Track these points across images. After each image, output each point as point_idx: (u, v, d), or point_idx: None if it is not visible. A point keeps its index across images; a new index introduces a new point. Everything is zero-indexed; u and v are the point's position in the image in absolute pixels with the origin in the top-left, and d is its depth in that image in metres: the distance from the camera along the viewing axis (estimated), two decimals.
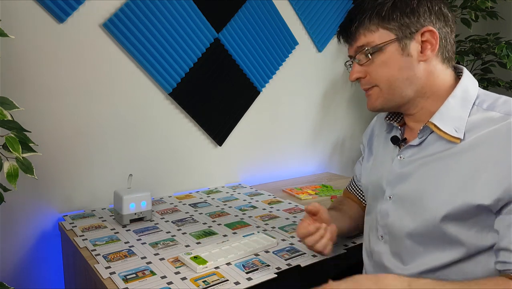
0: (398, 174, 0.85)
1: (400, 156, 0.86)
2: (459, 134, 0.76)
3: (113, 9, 1.38)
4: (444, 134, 0.78)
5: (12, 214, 1.28)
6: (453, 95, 0.80)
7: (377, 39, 0.80)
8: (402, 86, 0.81)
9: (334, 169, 2.18)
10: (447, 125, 0.78)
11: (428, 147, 0.82)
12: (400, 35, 0.79)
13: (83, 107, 1.38)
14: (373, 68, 0.83)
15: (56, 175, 1.35)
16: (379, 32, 0.80)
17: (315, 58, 1.99)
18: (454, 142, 0.77)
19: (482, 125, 0.75)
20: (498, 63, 1.92)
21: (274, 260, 1.00)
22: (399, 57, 0.80)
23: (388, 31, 0.80)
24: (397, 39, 0.79)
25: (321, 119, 2.08)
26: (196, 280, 0.90)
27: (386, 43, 0.80)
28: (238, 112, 1.75)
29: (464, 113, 0.78)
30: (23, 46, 1.24)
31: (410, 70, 0.81)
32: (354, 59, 0.85)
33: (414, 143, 0.83)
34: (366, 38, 0.81)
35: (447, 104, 0.80)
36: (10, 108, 0.93)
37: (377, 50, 0.81)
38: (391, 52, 0.80)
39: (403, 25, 0.79)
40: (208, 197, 1.57)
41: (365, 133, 1.07)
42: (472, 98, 0.80)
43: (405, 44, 0.80)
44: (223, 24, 1.64)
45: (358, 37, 0.82)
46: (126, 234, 1.17)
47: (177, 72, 1.54)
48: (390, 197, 0.86)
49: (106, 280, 0.91)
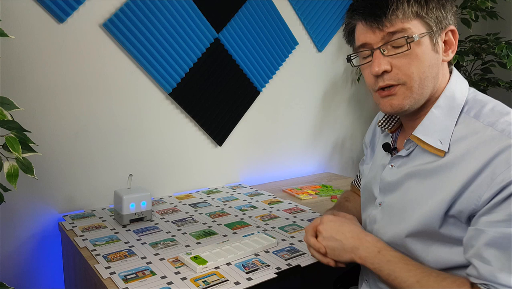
0: (387, 182, 0.84)
1: (392, 164, 0.84)
2: (443, 146, 0.73)
3: (113, 9, 1.38)
4: (428, 147, 0.75)
5: (12, 214, 1.28)
6: (437, 105, 0.76)
7: (413, 28, 0.72)
8: (429, 86, 0.75)
9: (334, 169, 2.18)
10: (431, 137, 0.75)
11: (415, 157, 0.79)
12: (434, 28, 0.73)
13: (83, 107, 1.38)
14: (404, 61, 0.73)
15: (56, 175, 1.35)
16: (415, 21, 0.72)
17: (315, 58, 1.99)
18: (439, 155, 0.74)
19: (466, 136, 0.72)
20: (498, 63, 1.92)
21: (274, 260, 1.00)
22: (430, 53, 0.73)
23: (423, 22, 0.72)
24: (431, 32, 0.73)
25: (321, 119, 2.08)
26: (196, 280, 0.90)
27: (423, 34, 0.72)
28: (238, 112, 1.75)
29: (450, 123, 0.74)
30: (23, 46, 1.24)
31: (436, 68, 0.75)
32: (379, 49, 0.74)
33: (402, 154, 0.81)
34: (402, 24, 0.71)
35: (430, 115, 0.76)
36: (10, 108, 0.93)
37: (413, 41, 0.71)
38: (425, 46, 0.73)
39: (437, 18, 0.73)
40: (208, 197, 1.56)
41: (368, 132, 1.05)
42: (459, 105, 0.75)
43: (436, 40, 0.73)
44: (223, 24, 1.64)
45: (394, 22, 0.71)
46: (126, 234, 1.17)
47: (177, 72, 1.54)
48: (380, 204, 0.86)
49: (106, 280, 0.91)
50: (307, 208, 1.43)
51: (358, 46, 0.79)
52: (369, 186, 0.92)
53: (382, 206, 0.85)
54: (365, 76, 0.80)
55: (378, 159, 0.91)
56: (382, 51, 0.73)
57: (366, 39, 0.76)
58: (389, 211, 0.83)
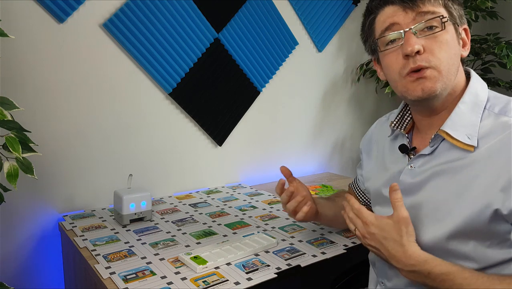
0: (409, 184, 0.80)
1: (411, 165, 0.81)
2: (472, 141, 0.72)
3: (113, 9, 1.38)
4: (457, 142, 0.74)
5: (12, 214, 1.28)
6: (463, 101, 0.76)
7: (443, 14, 0.73)
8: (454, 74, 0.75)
9: (334, 169, 2.18)
10: (459, 132, 0.74)
11: (440, 155, 0.77)
12: (458, 20, 0.75)
13: (83, 107, 1.38)
14: (434, 45, 0.73)
15: (56, 175, 1.35)
16: (442, 9, 0.74)
17: (315, 58, 1.99)
18: (468, 151, 0.73)
19: (496, 131, 0.71)
20: (498, 63, 1.92)
21: (274, 260, 1.00)
22: (455, 42, 0.75)
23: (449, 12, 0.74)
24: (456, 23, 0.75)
25: (321, 119, 2.08)
26: (196, 280, 0.90)
27: (452, 21, 0.74)
28: (238, 112, 1.75)
29: (476, 119, 0.74)
30: (23, 46, 1.24)
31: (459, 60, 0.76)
32: (410, 29, 0.74)
33: (426, 152, 0.79)
34: (433, 8, 0.73)
35: (457, 110, 0.76)
36: (10, 108, 0.93)
37: (447, 21, 0.73)
38: (452, 34, 0.75)
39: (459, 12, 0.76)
40: (208, 197, 1.56)
41: (363, 139, 1.04)
42: (483, 102, 0.76)
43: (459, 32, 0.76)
44: (223, 24, 1.64)
45: (425, 3, 0.73)
46: (126, 234, 1.17)
47: (177, 72, 1.54)
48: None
49: (106, 280, 0.91)
50: None
51: (384, 29, 0.77)
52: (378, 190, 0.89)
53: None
54: (390, 63, 0.78)
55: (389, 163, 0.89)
56: (414, 32, 0.73)
57: (395, 19, 0.75)
58: (416, 213, 0.78)
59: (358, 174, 1.10)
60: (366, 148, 1.01)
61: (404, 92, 0.78)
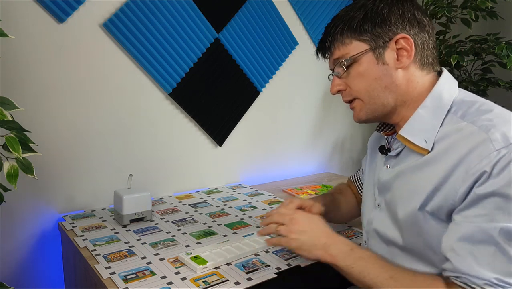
0: (383, 182, 0.86)
1: (387, 165, 0.87)
2: (428, 145, 0.76)
3: (113, 9, 1.38)
4: (413, 146, 0.78)
5: (12, 214, 1.28)
6: (424, 105, 0.79)
7: (352, 50, 0.81)
8: (381, 96, 0.81)
9: (334, 169, 2.18)
10: (416, 136, 0.78)
11: (404, 158, 0.82)
12: (374, 45, 0.79)
13: (83, 107, 1.38)
14: (351, 80, 0.83)
15: (56, 175, 1.35)
16: (353, 44, 0.81)
17: (315, 58, 1.98)
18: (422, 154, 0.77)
19: (450, 134, 0.74)
20: (498, 63, 1.92)
21: (274, 260, 1.00)
22: (375, 67, 0.80)
23: (361, 42, 0.80)
24: (371, 49, 0.79)
25: (321, 119, 2.08)
26: (196, 280, 0.90)
27: (360, 54, 0.80)
28: (238, 112, 1.75)
29: (437, 122, 0.76)
30: (23, 46, 1.24)
31: (388, 78, 0.80)
32: (333, 73, 0.87)
33: (392, 154, 0.85)
34: (340, 52, 0.83)
35: (416, 115, 0.79)
36: (10, 108, 0.93)
37: (352, 62, 0.81)
38: (366, 63, 0.80)
39: (375, 35, 0.79)
40: (208, 197, 1.56)
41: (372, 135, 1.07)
42: (446, 106, 0.77)
43: (379, 54, 0.79)
44: (223, 24, 1.64)
45: (333, 51, 0.84)
46: (126, 234, 1.17)
47: (177, 72, 1.54)
48: (379, 205, 0.88)
49: (106, 280, 0.91)
50: None
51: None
52: (370, 188, 0.94)
53: (380, 206, 0.87)
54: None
55: (377, 161, 0.94)
56: (336, 74, 0.85)
57: (328, 65, 0.90)
58: (386, 211, 0.85)
59: (362, 166, 1.13)
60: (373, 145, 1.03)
61: None
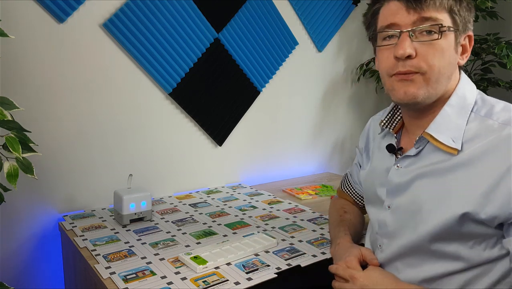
0: (396, 184, 0.82)
1: (397, 165, 0.82)
2: (456, 145, 0.73)
3: (113, 9, 1.38)
4: (441, 145, 0.74)
5: (12, 214, 1.28)
6: (449, 103, 0.76)
7: (445, 21, 0.72)
8: (443, 83, 0.75)
9: (334, 169, 2.18)
10: (443, 135, 0.74)
11: (425, 157, 0.78)
12: (460, 28, 0.73)
13: (83, 107, 1.38)
14: (429, 51, 0.72)
15: (56, 175, 1.35)
16: (445, 15, 0.72)
17: (315, 58, 1.99)
18: (451, 154, 0.73)
19: (480, 134, 0.71)
20: (498, 63, 1.92)
21: (274, 260, 1.00)
22: (452, 51, 0.74)
23: (452, 18, 0.72)
24: (457, 31, 0.73)
25: (321, 119, 2.08)
26: (196, 280, 0.90)
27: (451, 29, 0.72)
28: (238, 112, 1.75)
29: (462, 122, 0.74)
30: (23, 46, 1.24)
31: (452, 68, 0.75)
32: (408, 32, 0.72)
33: (411, 153, 0.80)
34: (436, 13, 0.71)
35: (443, 113, 0.76)
36: (10, 108, 0.93)
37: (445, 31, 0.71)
38: (450, 41, 0.73)
39: (465, 19, 0.74)
40: (208, 197, 1.56)
41: (361, 137, 1.04)
42: (470, 105, 0.76)
43: (459, 40, 0.74)
44: (223, 24, 1.64)
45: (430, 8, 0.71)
46: (126, 234, 1.17)
47: (177, 72, 1.54)
48: (389, 206, 0.84)
49: (106, 280, 0.91)
50: (307, 208, 1.43)
51: (384, 25, 0.76)
52: (373, 190, 0.90)
53: (391, 208, 0.83)
54: (382, 59, 0.78)
55: (380, 161, 0.90)
56: (411, 35, 0.72)
57: (396, 19, 0.74)
58: (401, 213, 0.80)
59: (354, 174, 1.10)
60: (366, 147, 1.01)
61: (389, 91, 0.78)
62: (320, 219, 1.31)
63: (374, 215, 0.90)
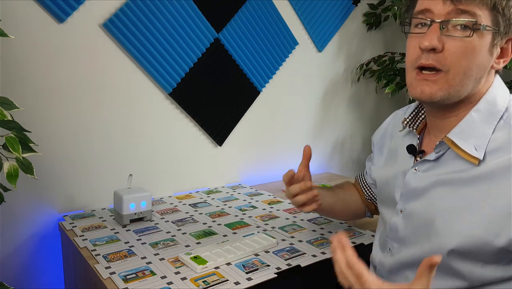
0: (412, 188, 0.77)
1: (416, 168, 0.77)
2: (479, 154, 0.67)
3: (113, 9, 1.38)
4: (462, 153, 0.69)
5: (12, 214, 1.28)
6: (477, 108, 0.70)
7: (483, 19, 0.65)
8: (469, 86, 0.68)
9: (334, 169, 2.18)
10: (466, 142, 0.68)
11: (445, 163, 0.72)
12: (501, 29, 0.66)
13: (83, 107, 1.38)
14: (458, 47, 0.66)
15: (56, 175, 1.35)
16: (486, 12, 0.65)
17: (315, 58, 1.99)
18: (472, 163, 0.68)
19: (505, 147, 0.66)
20: None
21: (274, 260, 1.00)
22: (485, 52, 0.67)
23: (493, 17, 0.66)
24: (496, 31, 0.66)
25: (321, 119, 2.08)
26: (196, 280, 0.90)
27: (489, 28, 0.65)
28: (238, 112, 1.75)
29: (488, 129, 0.68)
30: (23, 46, 1.24)
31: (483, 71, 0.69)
32: (439, 23, 0.66)
33: (430, 158, 0.75)
34: (475, 8, 0.65)
35: (469, 118, 0.70)
36: (10, 108, 0.93)
37: (479, 29, 0.65)
38: (484, 42, 0.66)
39: (509, 20, 0.66)
40: (208, 197, 1.56)
41: (377, 132, 1.00)
42: (500, 111, 0.69)
43: (496, 42, 0.67)
44: (223, 24, 1.64)
45: (469, 1, 0.65)
46: (126, 234, 1.17)
47: (177, 72, 1.54)
48: (402, 211, 0.80)
49: (106, 280, 0.91)
50: None
51: (417, 11, 0.71)
52: (387, 190, 0.86)
53: (403, 213, 0.79)
54: (408, 48, 0.73)
55: (397, 161, 0.85)
56: (442, 27, 0.66)
57: (431, 6, 0.68)
58: (413, 220, 0.76)
59: (367, 167, 1.06)
60: (379, 141, 0.97)
61: (408, 86, 0.74)
62: (320, 219, 1.31)
63: (385, 216, 0.87)
